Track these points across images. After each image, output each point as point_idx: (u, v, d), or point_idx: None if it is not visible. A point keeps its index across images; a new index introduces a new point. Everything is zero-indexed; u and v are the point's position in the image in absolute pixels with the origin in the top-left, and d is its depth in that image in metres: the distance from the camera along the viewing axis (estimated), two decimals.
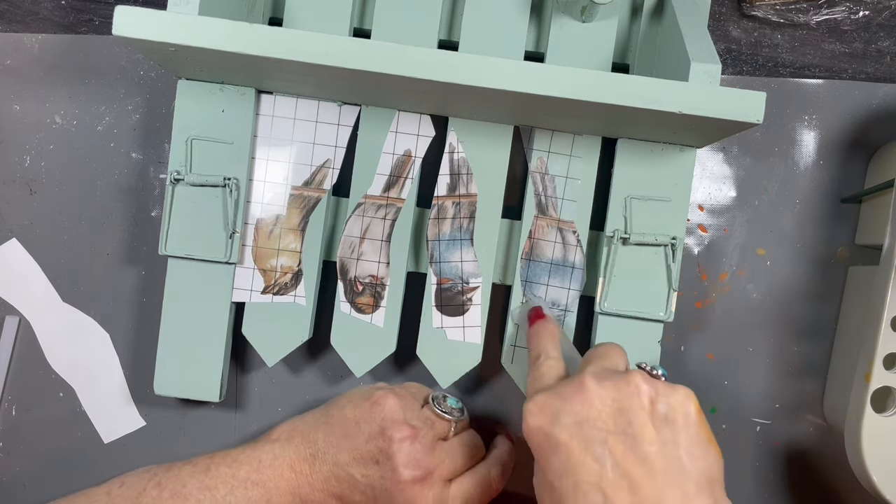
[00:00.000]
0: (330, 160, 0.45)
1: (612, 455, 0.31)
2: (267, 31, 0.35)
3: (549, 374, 0.37)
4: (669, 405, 0.32)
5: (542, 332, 0.40)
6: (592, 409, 0.32)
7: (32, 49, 0.50)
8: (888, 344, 0.42)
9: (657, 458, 0.30)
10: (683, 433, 0.31)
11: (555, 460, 0.32)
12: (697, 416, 0.32)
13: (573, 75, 0.35)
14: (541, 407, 0.33)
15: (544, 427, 0.33)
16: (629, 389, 0.32)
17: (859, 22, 0.50)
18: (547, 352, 0.38)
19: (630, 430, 0.31)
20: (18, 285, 0.50)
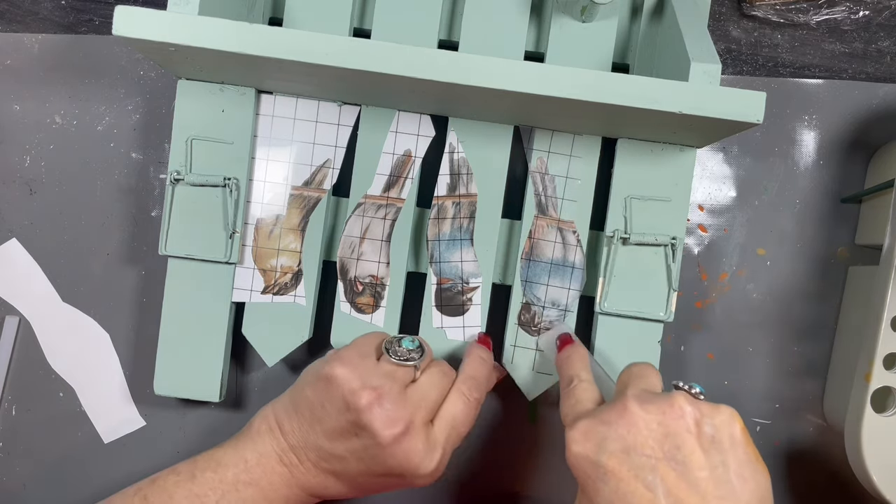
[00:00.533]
0: (330, 160, 0.45)
1: (663, 483, 0.30)
2: (267, 31, 0.35)
3: (585, 397, 0.36)
4: (715, 426, 0.31)
5: (574, 357, 0.40)
6: (639, 435, 0.31)
7: (32, 49, 0.50)
8: (888, 344, 0.42)
9: (709, 483, 0.30)
10: (731, 455, 0.31)
11: (604, 488, 0.31)
12: (743, 436, 0.32)
13: (573, 75, 0.35)
14: (585, 434, 0.33)
15: (590, 455, 0.32)
16: (674, 413, 0.32)
17: (859, 22, 0.50)
18: (579, 375, 0.38)
19: (679, 456, 0.31)
20: (18, 285, 0.50)
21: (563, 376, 0.39)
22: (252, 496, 0.39)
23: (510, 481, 0.50)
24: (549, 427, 0.50)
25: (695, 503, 0.30)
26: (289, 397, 0.41)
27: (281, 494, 0.39)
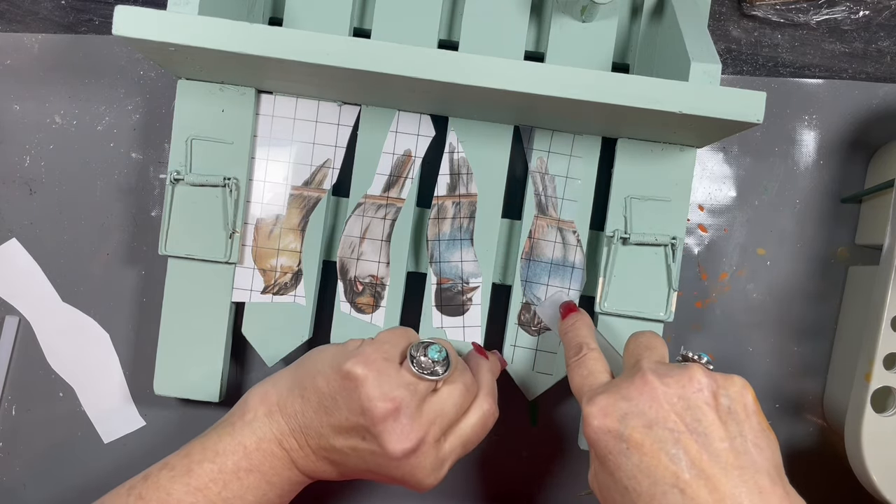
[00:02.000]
0: (330, 160, 0.45)
1: (686, 454, 0.31)
2: (267, 31, 0.35)
3: (596, 368, 0.36)
4: (730, 397, 0.32)
5: (579, 324, 0.40)
6: (661, 410, 0.32)
7: (32, 49, 0.50)
8: (888, 344, 0.42)
9: (729, 454, 0.31)
10: (747, 425, 0.32)
11: (626, 462, 0.32)
12: (755, 405, 0.33)
13: (573, 75, 0.35)
14: (604, 409, 0.33)
15: (613, 429, 0.32)
16: (693, 386, 0.32)
17: (859, 22, 0.50)
18: (588, 344, 0.38)
19: (700, 428, 0.31)
20: (18, 285, 0.50)
21: (570, 345, 0.39)
22: (254, 483, 0.38)
23: (510, 481, 0.50)
24: (550, 427, 0.50)
25: (717, 473, 0.30)
26: (293, 379, 0.39)
27: (283, 478, 0.38)
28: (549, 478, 0.50)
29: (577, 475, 0.50)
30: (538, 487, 0.50)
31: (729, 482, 0.30)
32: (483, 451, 0.50)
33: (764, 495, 0.30)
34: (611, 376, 0.36)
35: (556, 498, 0.50)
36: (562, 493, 0.50)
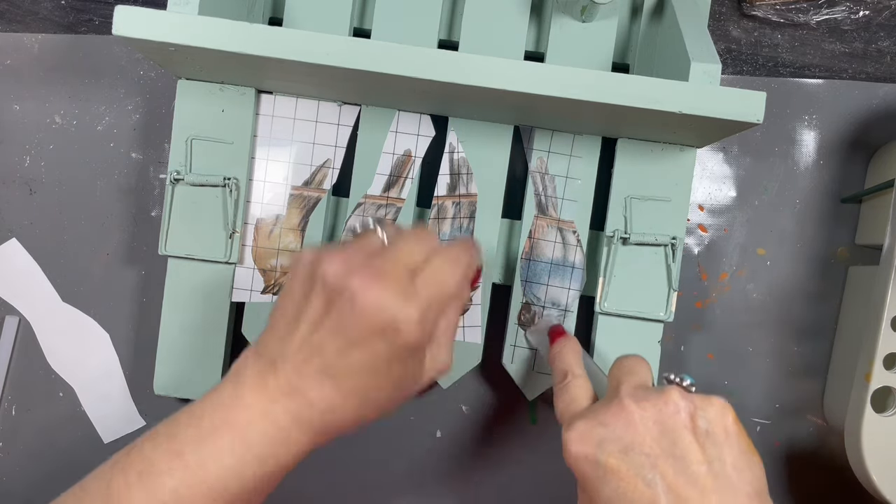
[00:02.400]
0: (330, 160, 0.45)
1: (663, 479, 0.31)
2: (267, 31, 0.35)
3: (579, 394, 0.36)
4: (709, 420, 0.32)
5: (566, 351, 0.40)
6: (637, 434, 0.32)
7: (32, 49, 0.50)
8: (888, 344, 0.42)
9: (707, 477, 0.30)
10: (726, 447, 0.31)
11: (605, 488, 0.32)
12: (736, 427, 0.32)
13: (573, 75, 0.35)
14: (582, 434, 0.33)
15: (590, 455, 0.32)
16: (669, 409, 0.32)
17: (859, 22, 0.50)
18: (573, 371, 0.38)
19: (677, 452, 0.31)
20: (18, 285, 0.50)
21: (557, 371, 0.39)
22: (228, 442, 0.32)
23: (510, 481, 0.50)
24: (550, 427, 0.50)
25: (694, 497, 0.30)
26: None
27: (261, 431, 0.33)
28: (549, 477, 0.50)
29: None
30: (538, 487, 0.50)
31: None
32: (483, 450, 0.50)
33: None
34: (594, 402, 0.36)
35: (556, 498, 0.50)
36: (562, 492, 0.50)
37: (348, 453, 0.50)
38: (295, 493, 0.50)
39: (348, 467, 0.50)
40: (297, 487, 0.50)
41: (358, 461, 0.50)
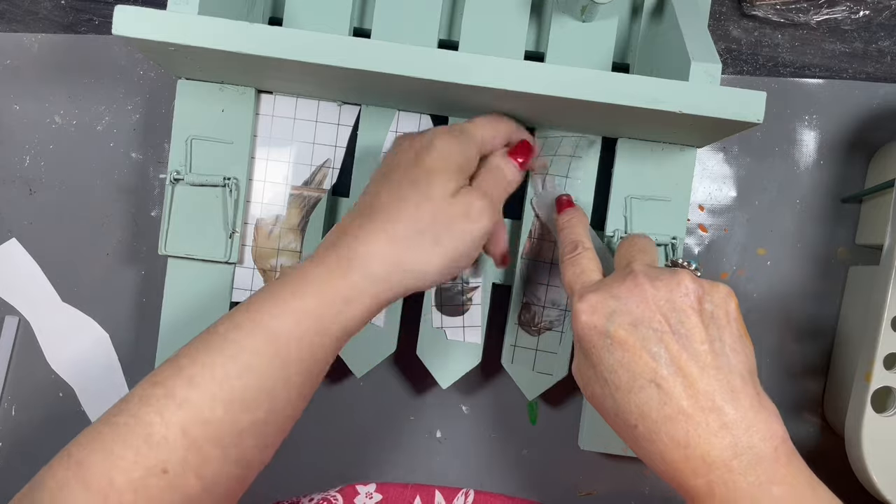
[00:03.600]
0: (330, 160, 0.45)
1: (667, 352, 0.32)
2: (267, 31, 0.35)
3: (590, 266, 0.37)
4: (714, 303, 0.33)
5: (575, 221, 0.40)
6: (648, 310, 0.33)
7: (32, 49, 0.50)
8: (888, 344, 0.42)
9: (707, 355, 0.32)
10: (727, 330, 0.33)
11: (609, 357, 0.33)
12: (737, 313, 0.34)
13: (573, 75, 0.35)
14: (594, 306, 0.34)
15: (599, 326, 0.33)
16: (680, 290, 0.33)
17: (860, 22, 0.50)
18: (583, 242, 0.39)
19: (683, 330, 0.33)
20: (18, 285, 0.50)
21: (566, 241, 0.40)
22: (290, 285, 0.34)
23: (510, 481, 0.50)
24: (550, 427, 0.50)
25: (693, 371, 0.32)
26: None
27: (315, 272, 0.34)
28: (549, 477, 0.50)
29: (576, 475, 0.50)
30: (538, 487, 0.50)
31: (704, 380, 0.32)
32: (483, 450, 0.50)
33: (735, 393, 0.32)
34: (602, 275, 0.37)
35: (556, 498, 0.50)
36: (562, 492, 0.50)
37: (348, 453, 0.50)
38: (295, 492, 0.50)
39: (348, 467, 0.50)
40: (297, 487, 0.50)
41: (358, 461, 0.50)
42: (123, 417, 0.31)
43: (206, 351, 0.33)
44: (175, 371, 0.32)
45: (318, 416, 0.50)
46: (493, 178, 0.39)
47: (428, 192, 0.35)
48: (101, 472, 0.30)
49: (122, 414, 0.32)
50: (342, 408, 0.51)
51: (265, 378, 0.33)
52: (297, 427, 0.37)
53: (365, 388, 0.50)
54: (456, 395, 0.50)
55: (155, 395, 0.32)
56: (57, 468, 0.31)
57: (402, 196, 0.35)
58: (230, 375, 0.32)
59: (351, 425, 0.50)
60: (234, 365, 0.32)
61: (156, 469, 0.30)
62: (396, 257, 0.35)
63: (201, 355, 0.33)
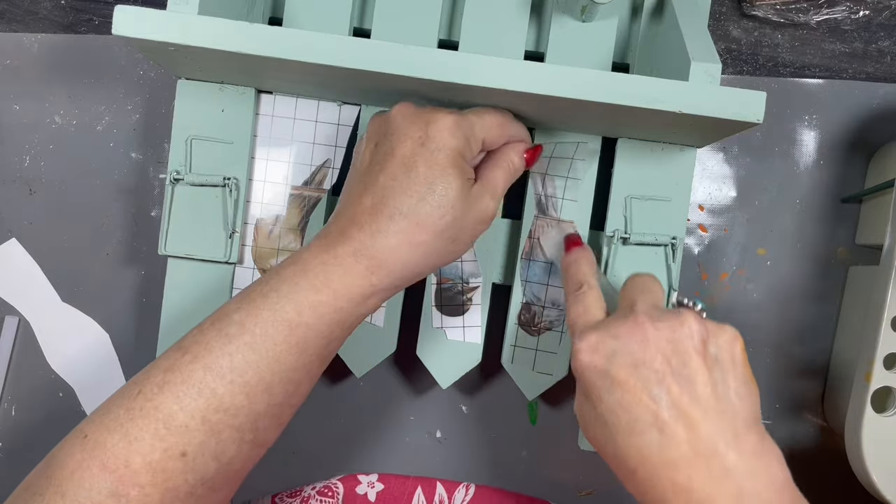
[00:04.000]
0: (330, 160, 0.45)
1: (668, 395, 0.32)
2: (267, 31, 0.35)
3: (594, 306, 0.37)
4: (719, 346, 0.33)
5: (582, 260, 0.40)
6: (649, 351, 0.32)
7: (32, 49, 0.50)
8: (888, 344, 0.42)
9: (710, 398, 0.32)
10: (731, 373, 0.33)
11: (609, 398, 0.33)
12: (742, 357, 0.33)
13: (573, 75, 0.35)
14: (594, 346, 0.34)
15: (599, 365, 0.33)
16: (683, 331, 0.33)
17: (859, 22, 0.50)
18: (588, 282, 0.38)
19: (685, 372, 0.32)
20: (18, 285, 0.50)
21: (571, 279, 0.39)
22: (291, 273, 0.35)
23: (510, 480, 0.50)
24: (550, 427, 0.50)
25: (696, 416, 0.31)
26: None
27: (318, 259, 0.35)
28: (548, 477, 0.50)
29: (576, 475, 0.50)
30: (538, 487, 0.50)
31: (707, 424, 0.31)
32: (483, 450, 0.50)
33: (739, 439, 0.31)
34: (607, 315, 0.37)
35: (555, 498, 0.50)
36: (562, 493, 0.50)
37: (348, 453, 0.50)
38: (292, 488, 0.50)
39: (347, 466, 0.50)
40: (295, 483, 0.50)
41: (358, 461, 0.50)
42: (141, 401, 0.32)
43: (222, 339, 0.33)
44: (191, 358, 0.33)
45: (319, 416, 0.50)
46: (504, 173, 0.38)
47: (449, 196, 0.35)
48: (119, 453, 0.31)
49: (139, 398, 0.32)
50: (342, 407, 0.51)
51: (284, 366, 0.33)
52: (297, 427, 0.38)
53: (365, 388, 0.51)
54: (456, 395, 0.50)
55: (173, 382, 0.32)
56: (73, 448, 0.31)
57: (422, 197, 0.34)
58: (250, 364, 0.33)
59: (351, 425, 0.50)
60: (253, 353, 0.33)
61: (174, 452, 0.31)
62: (417, 261, 0.35)
63: (218, 343, 0.33)
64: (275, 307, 0.34)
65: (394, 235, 0.34)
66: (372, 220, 0.35)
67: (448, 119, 0.35)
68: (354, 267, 0.34)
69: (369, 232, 0.34)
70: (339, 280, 0.34)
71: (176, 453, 0.31)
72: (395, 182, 0.35)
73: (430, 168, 0.35)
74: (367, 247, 0.34)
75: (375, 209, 0.35)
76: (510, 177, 0.39)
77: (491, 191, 0.37)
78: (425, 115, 0.36)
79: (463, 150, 0.36)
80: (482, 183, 0.37)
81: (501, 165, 0.39)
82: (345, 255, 0.34)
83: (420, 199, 0.34)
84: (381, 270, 0.34)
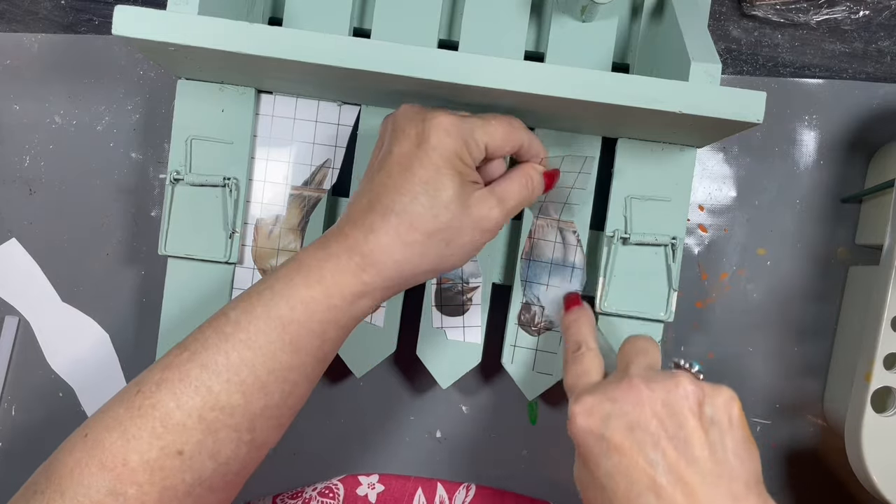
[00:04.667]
0: (330, 160, 0.45)
1: (665, 459, 0.31)
2: (267, 31, 0.35)
3: (591, 368, 0.37)
4: (715, 407, 0.33)
5: (582, 320, 0.40)
6: (644, 414, 0.32)
7: (32, 49, 0.50)
8: (888, 344, 0.42)
9: (708, 461, 0.31)
10: (729, 435, 0.32)
11: (606, 462, 0.32)
12: (740, 417, 0.33)
13: (573, 75, 0.35)
14: (590, 409, 0.33)
15: (595, 429, 0.33)
16: (678, 393, 0.32)
17: (859, 22, 0.50)
18: (587, 343, 0.38)
19: (681, 435, 0.32)
20: (18, 285, 0.50)
21: (571, 340, 0.39)
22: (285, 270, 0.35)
23: (510, 481, 0.50)
24: (550, 427, 0.50)
25: (694, 480, 0.31)
26: None
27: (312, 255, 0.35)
28: (549, 477, 0.50)
29: None
30: (538, 487, 0.50)
31: (705, 489, 0.31)
32: (483, 450, 0.50)
33: (738, 502, 0.31)
34: (604, 377, 0.37)
35: (556, 498, 0.50)
36: (562, 492, 0.50)
37: (348, 453, 0.50)
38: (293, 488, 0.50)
39: (347, 466, 0.50)
40: (296, 484, 0.50)
41: (358, 461, 0.50)
42: (139, 400, 0.32)
43: (219, 337, 0.33)
44: (188, 356, 0.33)
45: (318, 416, 0.50)
46: (520, 189, 0.37)
47: (442, 197, 0.34)
48: (117, 451, 0.31)
49: (138, 396, 0.32)
50: (342, 408, 0.51)
51: (279, 364, 0.33)
52: (297, 427, 0.38)
53: (365, 388, 0.51)
54: (456, 395, 0.50)
55: (170, 380, 0.32)
56: (74, 447, 0.32)
57: (415, 196, 0.34)
58: (245, 361, 0.33)
59: (351, 425, 0.50)
60: (248, 351, 0.33)
61: (171, 450, 0.31)
62: (409, 262, 0.35)
63: (214, 340, 0.33)
64: (268, 304, 0.34)
65: (385, 234, 0.34)
66: (366, 218, 0.35)
67: (446, 119, 0.35)
68: (347, 264, 0.34)
69: (363, 230, 0.34)
70: (332, 276, 0.34)
71: (173, 451, 0.31)
72: (390, 180, 0.35)
73: (425, 167, 0.34)
74: (360, 244, 0.34)
75: (370, 207, 0.35)
76: (526, 193, 0.38)
77: (499, 198, 0.36)
78: (424, 114, 0.35)
79: (460, 151, 0.35)
80: (491, 190, 0.36)
81: (518, 180, 0.38)
82: (339, 251, 0.34)
83: (413, 198, 0.34)
84: (373, 268, 0.34)
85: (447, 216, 0.34)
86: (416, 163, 0.34)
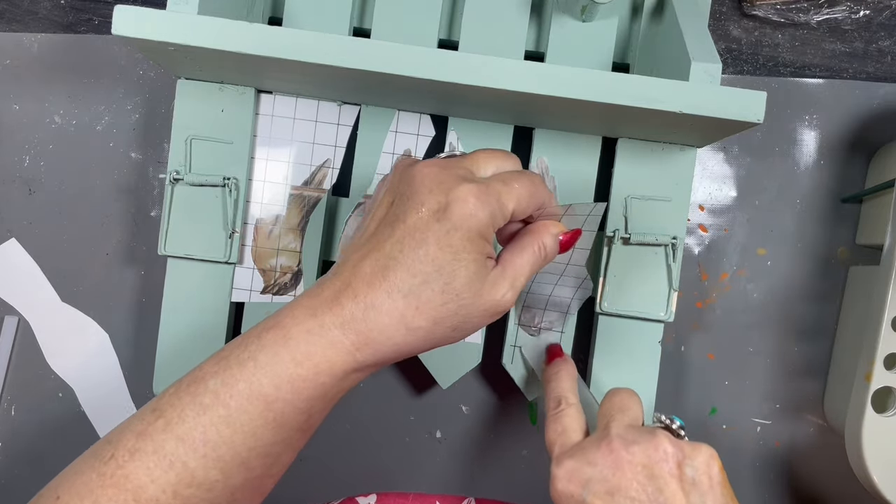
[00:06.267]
0: (330, 160, 0.45)
1: None
2: (267, 31, 0.35)
3: (571, 426, 0.36)
4: (695, 468, 0.32)
5: (563, 374, 0.40)
6: (624, 478, 0.32)
7: (32, 49, 0.50)
8: (888, 344, 0.42)
9: None
10: (710, 496, 0.32)
11: None
12: (721, 476, 0.33)
13: (574, 75, 0.35)
14: (570, 473, 0.33)
15: (576, 495, 0.33)
16: (657, 455, 0.32)
17: (860, 21, 0.50)
18: (567, 398, 0.38)
19: (661, 499, 0.32)
20: (18, 285, 0.50)
21: (551, 395, 0.39)
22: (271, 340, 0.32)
23: (510, 481, 0.50)
24: None
25: None
26: None
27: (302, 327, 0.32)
28: (548, 477, 0.50)
29: None
30: (538, 487, 0.50)
31: None
32: (483, 450, 0.50)
33: None
34: (585, 434, 0.36)
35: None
36: None
37: (348, 453, 0.50)
38: (294, 493, 0.50)
39: (348, 466, 0.50)
40: (296, 486, 0.50)
41: (358, 461, 0.50)
42: (112, 467, 0.30)
43: (196, 408, 0.31)
44: (164, 425, 0.31)
45: None
46: (533, 262, 0.34)
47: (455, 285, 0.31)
48: None
49: (111, 463, 0.30)
50: (342, 408, 0.51)
51: (261, 441, 0.31)
52: None
53: (365, 388, 0.51)
54: (456, 395, 0.50)
55: (144, 451, 0.30)
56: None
57: (426, 279, 0.31)
58: (224, 439, 0.30)
59: (351, 425, 0.50)
60: (227, 428, 0.30)
61: None
62: (409, 345, 0.32)
63: (191, 412, 0.31)
64: (251, 380, 0.31)
65: (388, 315, 0.31)
66: (368, 291, 0.31)
67: (471, 193, 0.31)
68: (340, 341, 0.31)
69: (363, 305, 0.31)
70: (322, 354, 0.31)
71: None
72: (401, 254, 0.31)
73: (441, 249, 0.31)
74: (357, 320, 0.31)
75: (374, 280, 0.31)
76: (539, 263, 0.34)
77: (511, 279, 0.33)
78: (448, 184, 0.32)
79: (485, 229, 0.32)
80: (503, 268, 0.33)
81: (530, 249, 0.34)
82: (332, 325, 0.31)
83: (424, 280, 0.31)
84: (368, 348, 0.31)
85: (458, 303, 0.32)
86: (433, 240, 0.31)
